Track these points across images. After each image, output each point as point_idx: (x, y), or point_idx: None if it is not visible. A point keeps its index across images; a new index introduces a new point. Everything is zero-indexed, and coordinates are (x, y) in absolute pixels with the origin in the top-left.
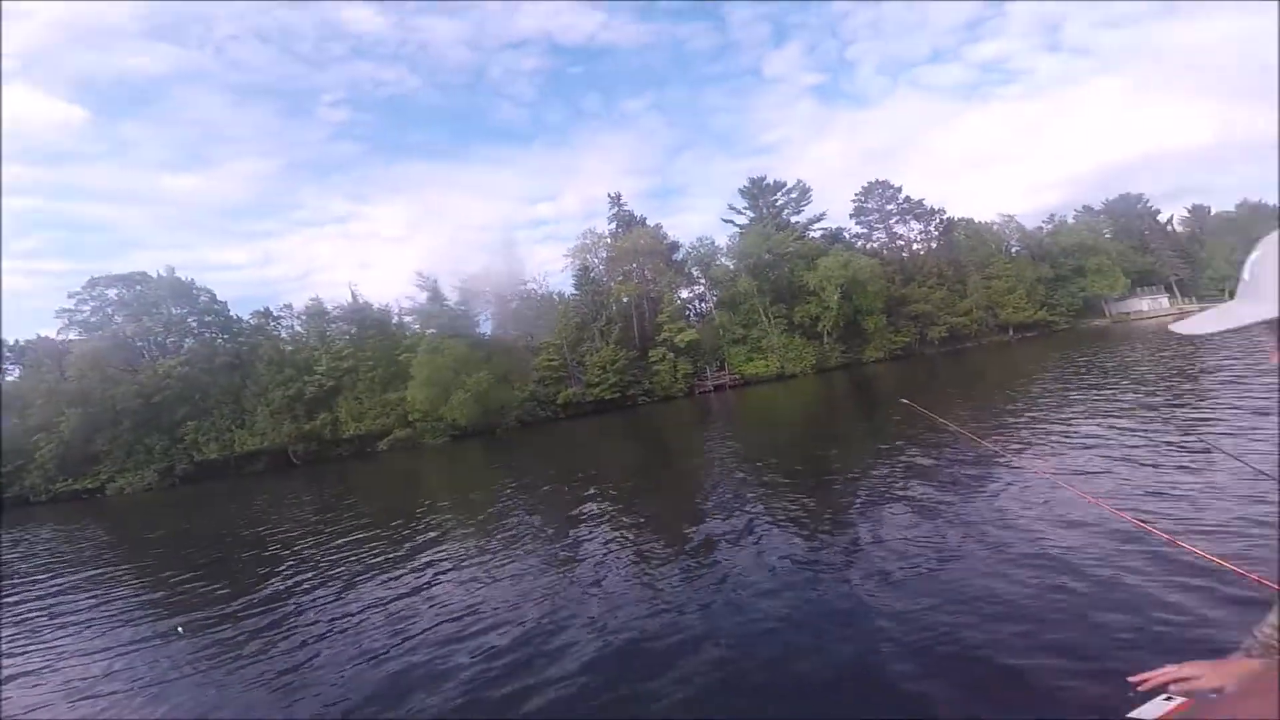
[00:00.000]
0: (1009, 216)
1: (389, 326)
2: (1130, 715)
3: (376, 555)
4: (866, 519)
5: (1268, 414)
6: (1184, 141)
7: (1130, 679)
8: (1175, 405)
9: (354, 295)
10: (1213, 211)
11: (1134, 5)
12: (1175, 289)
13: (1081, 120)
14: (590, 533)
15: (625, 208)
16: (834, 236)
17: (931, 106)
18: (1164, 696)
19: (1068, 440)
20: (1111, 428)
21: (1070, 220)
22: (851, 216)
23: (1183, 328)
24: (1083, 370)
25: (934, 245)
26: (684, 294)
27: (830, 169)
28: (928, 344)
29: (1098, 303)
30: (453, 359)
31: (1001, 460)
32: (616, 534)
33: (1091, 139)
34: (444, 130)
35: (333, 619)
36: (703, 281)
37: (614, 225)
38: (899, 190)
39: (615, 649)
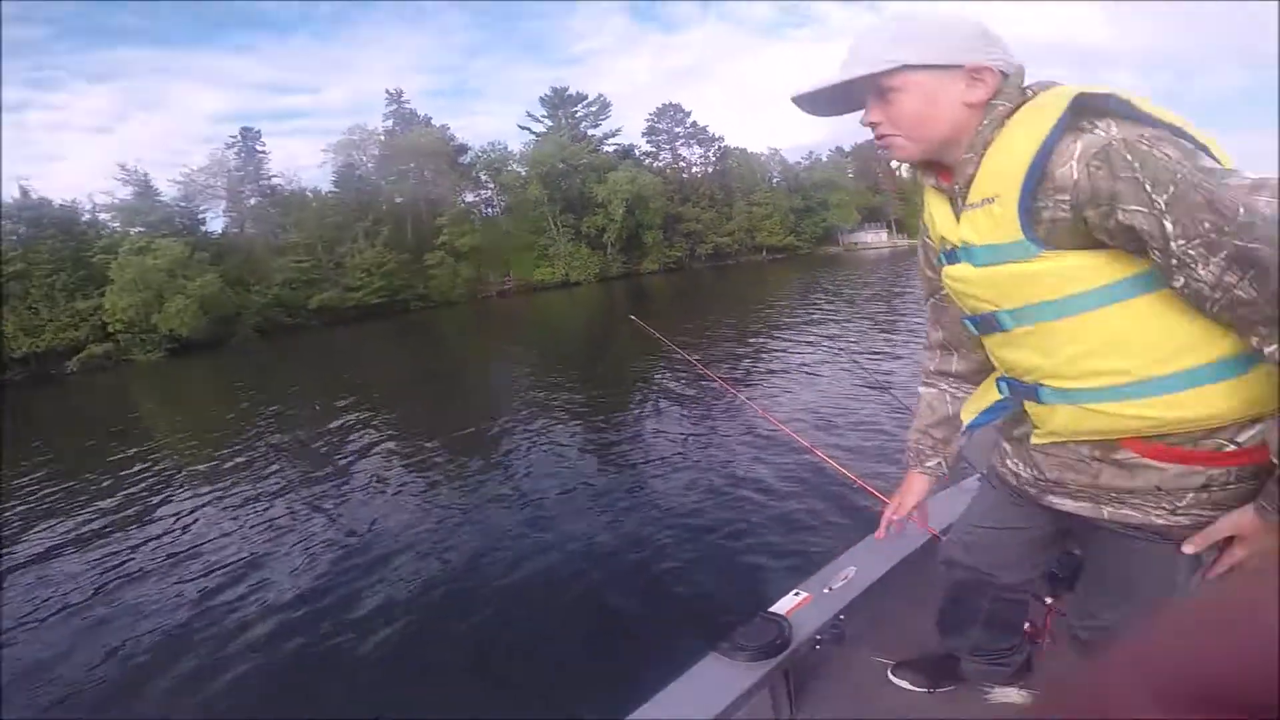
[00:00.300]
0: (775, 150)
1: (76, 225)
2: (771, 609)
3: (87, 508)
4: (569, 434)
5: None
6: None
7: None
8: (875, 330)
9: (24, 192)
10: None
11: None
12: (893, 226)
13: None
14: (345, 454)
15: (407, 105)
16: (625, 152)
17: (734, 40)
18: (793, 592)
19: (775, 362)
20: (814, 350)
21: (824, 159)
22: (644, 135)
23: (798, 94)
24: (813, 290)
25: (710, 170)
26: (469, 198)
27: (633, 86)
28: (696, 259)
29: (834, 233)
30: (169, 261)
31: (708, 381)
32: (370, 454)
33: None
34: (171, 14)
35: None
36: (491, 186)
37: (391, 123)
38: (689, 115)
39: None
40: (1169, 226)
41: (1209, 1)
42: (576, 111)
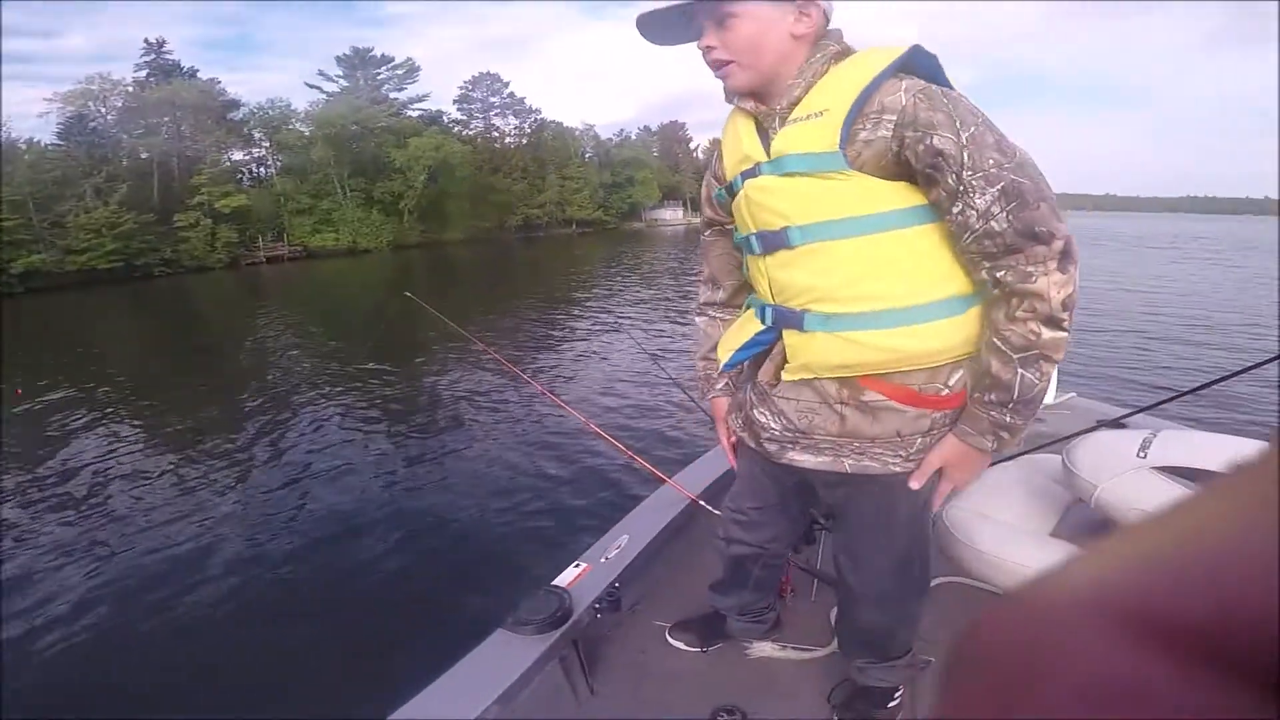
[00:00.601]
0: (589, 125)
1: None
2: (554, 582)
3: None
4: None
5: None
6: (717, 84)
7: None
8: (663, 306)
9: None
10: None
11: None
12: (688, 204)
13: (663, 54)
14: (57, 446)
15: (168, 56)
16: (433, 119)
17: (561, 15)
18: (574, 564)
19: (566, 340)
20: (605, 327)
21: (633, 137)
22: (455, 103)
23: (644, 13)
24: (614, 264)
25: (525, 142)
26: (238, 156)
27: (448, 53)
28: (505, 230)
29: (638, 209)
30: None
31: (493, 360)
32: (96, 443)
33: (666, 73)
34: None
35: None
36: (266, 145)
37: (145, 74)
38: (506, 85)
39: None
40: (965, 156)
41: (958, 23)
42: (379, 74)
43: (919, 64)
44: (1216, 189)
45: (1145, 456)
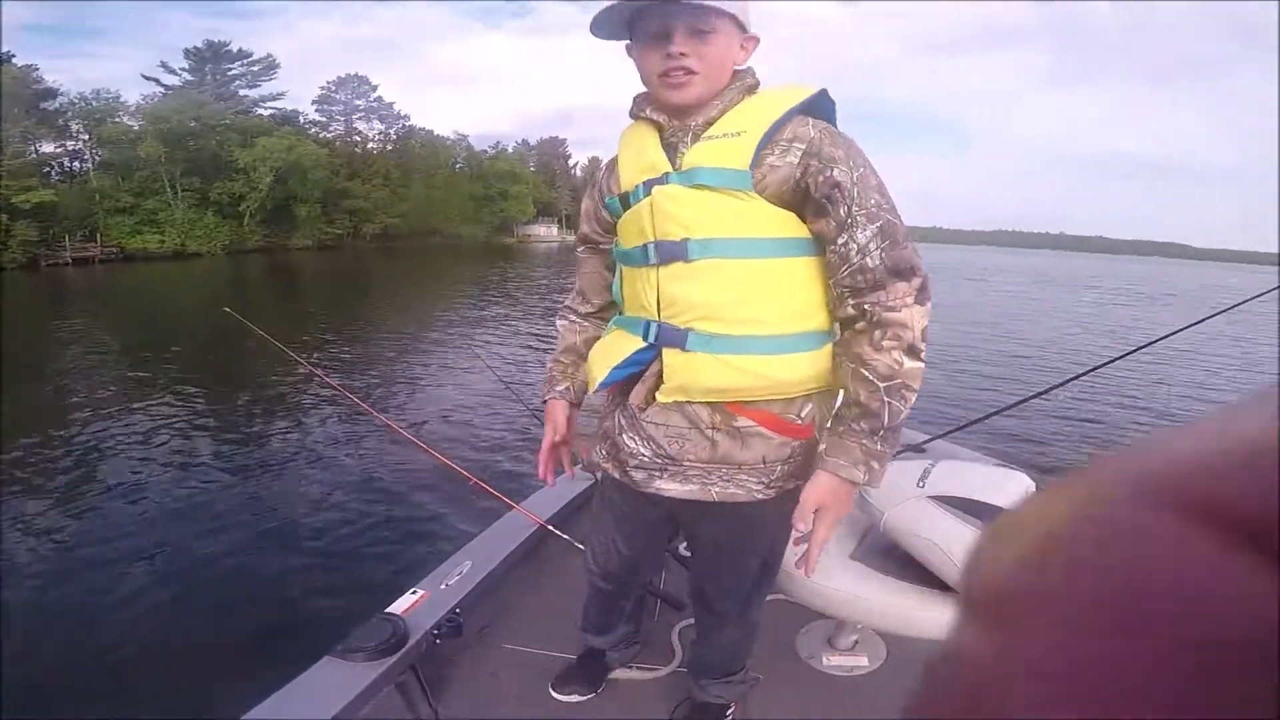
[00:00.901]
0: (463, 135)
1: None
2: (388, 609)
3: None
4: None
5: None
6: (602, 102)
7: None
8: (522, 329)
9: None
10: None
11: None
12: (563, 221)
13: (550, 68)
14: None
15: None
16: (286, 118)
17: (447, 20)
18: (410, 590)
19: (415, 360)
20: (457, 349)
21: (509, 150)
22: (314, 103)
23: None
24: (476, 282)
25: (389, 148)
26: (49, 148)
27: (318, 49)
28: (360, 238)
29: (510, 223)
30: None
31: (320, 383)
32: None
33: (551, 86)
34: None
35: None
36: (85, 138)
37: None
38: (374, 89)
39: None
40: (856, 192)
41: (829, 56)
42: (231, 69)
43: (822, 106)
44: (1023, 224)
45: (924, 486)
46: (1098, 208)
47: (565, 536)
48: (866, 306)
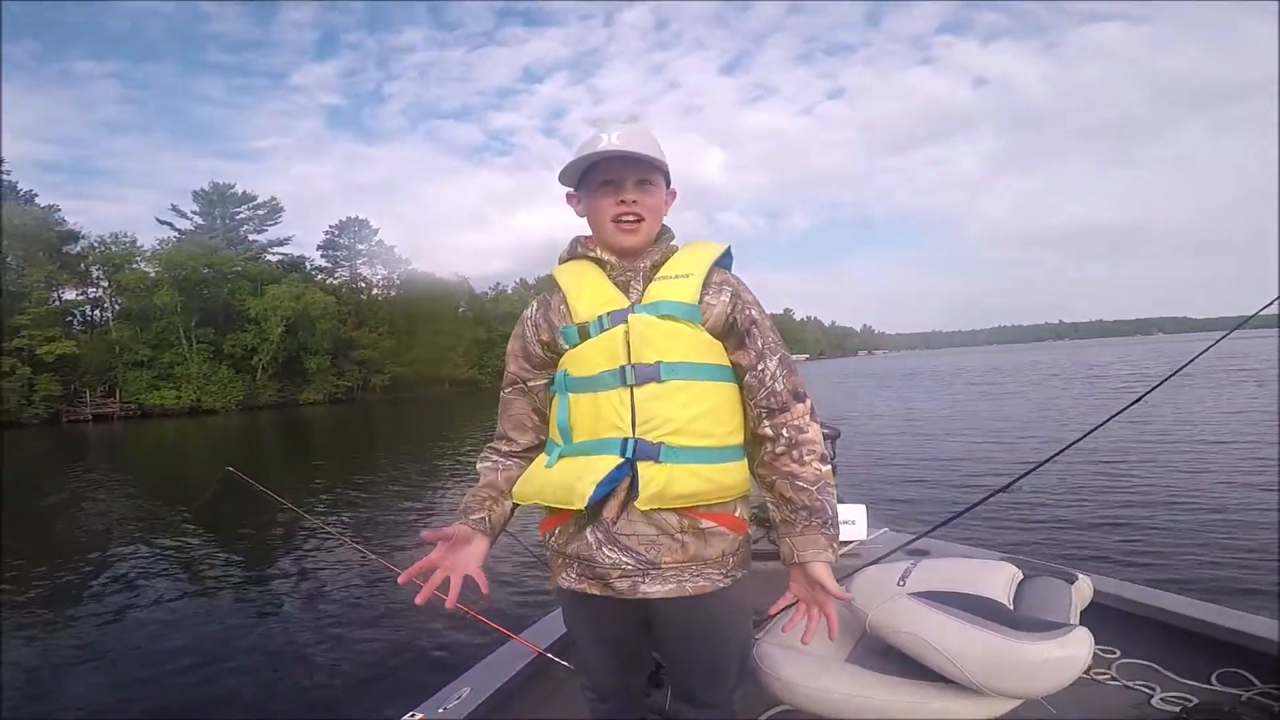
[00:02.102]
0: (464, 278)
1: None
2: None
3: None
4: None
5: None
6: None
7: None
8: None
9: None
10: None
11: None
12: None
13: (540, 201)
14: None
15: (6, 175)
16: (294, 265)
17: (436, 161)
18: (409, 713)
19: (416, 505)
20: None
21: (509, 291)
22: (319, 249)
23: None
24: (481, 429)
25: (393, 293)
26: (71, 295)
27: (315, 193)
28: (370, 390)
29: None
30: None
31: (323, 534)
32: None
33: (545, 220)
34: None
35: None
36: (105, 285)
37: None
38: (375, 232)
39: None
40: (763, 329)
41: (796, 165)
42: (240, 212)
43: (727, 260)
44: (1021, 318)
45: (904, 585)
46: (1090, 291)
47: (566, 664)
48: (781, 429)
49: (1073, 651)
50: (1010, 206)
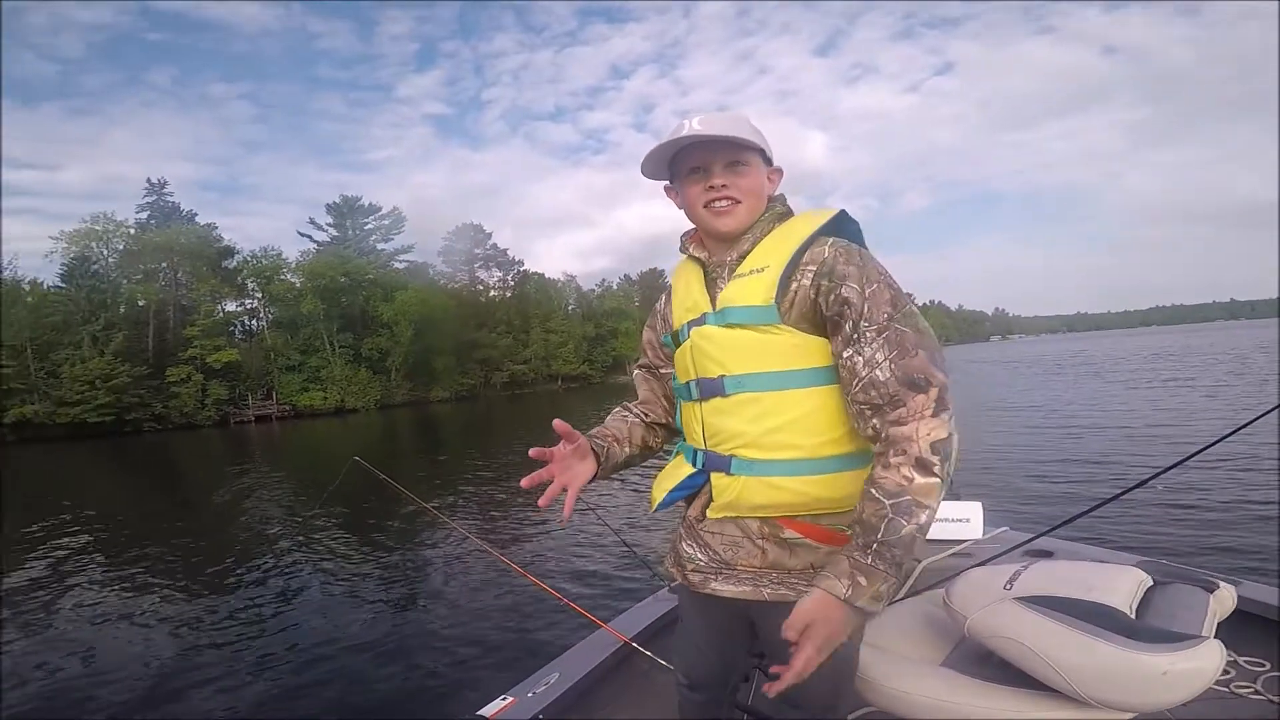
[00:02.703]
0: (571, 276)
1: None
2: (480, 711)
3: None
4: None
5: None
6: (684, 225)
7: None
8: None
9: None
10: None
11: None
12: None
13: (637, 197)
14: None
15: (169, 198)
16: (418, 271)
17: (537, 160)
18: (501, 696)
19: (525, 502)
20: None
21: (614, 287)
22: (439, 255)
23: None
24: (588, 423)
25: (508, 295)
26: (231, 307)
27: (428, 200)
28: (490, 387)
29: (624, 360)
30: None
31: (440, 521)
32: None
33: (641, 216)
34: None
35: None
36: (259, 297)
37: (146, 215)
38: (489, 236)
39: None
40: (865, 307)
41: (907, 144)
42: (367, 223)
43: (846, 228)
44: (1182, 297)
45: (1011, 588)
46: (1269, 268)
47: (650, 654)
48: (878, 425)
49: (1198, 665)
50: (1164, 180)
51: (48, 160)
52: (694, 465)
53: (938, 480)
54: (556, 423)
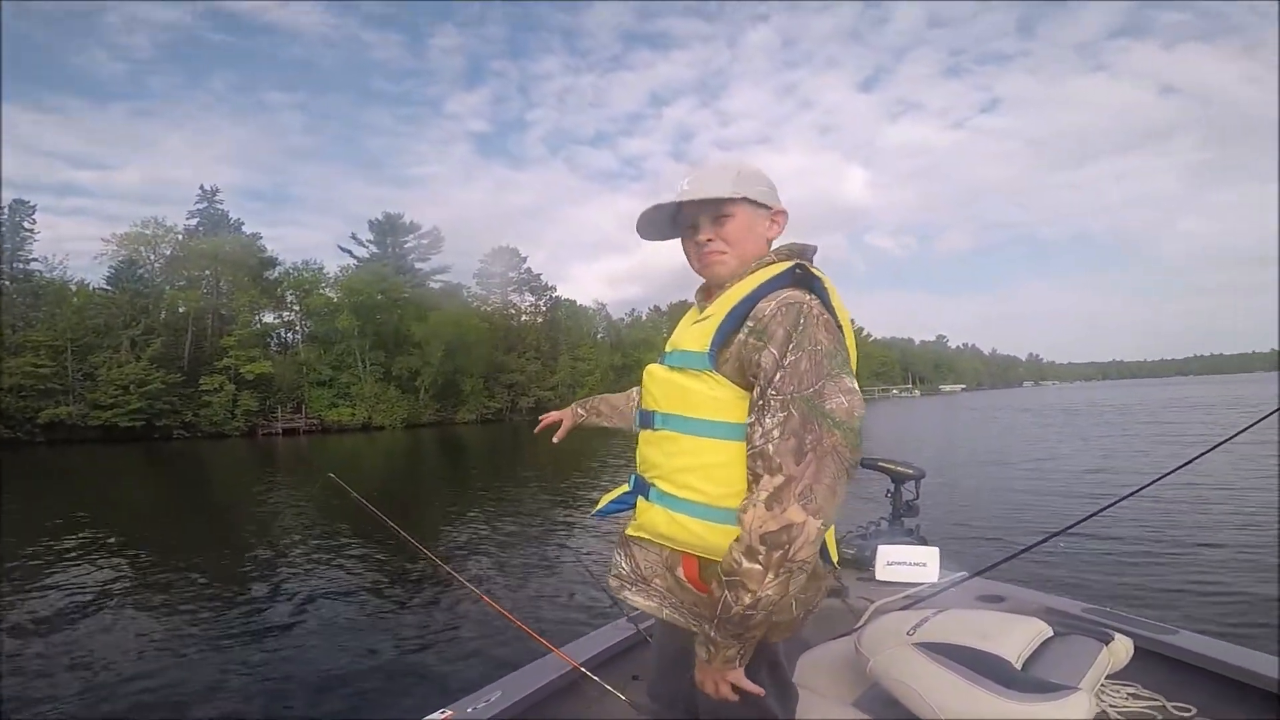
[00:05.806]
0: (602, 305)
1: None
2: None
3: None
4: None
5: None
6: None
7: None
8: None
9: None
10: None
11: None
12: None
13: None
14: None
15: (219, 206)
16: (452, 292)
17: (576, 184)
18: (439, 710)
19: (509, 528)
20: (563, 519)
21: (643, 317)
22: (475, 277)
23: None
24: (612, 455)
25: (540, 320)
26: (268, 318)
27: (467, 220)
28: (516, 411)
29: None
30: None
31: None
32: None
33: (673, 245)
34: None
35: None
36: (297, 309)
37: (195, 222)
38: (524, 260)
39: None
40: (776, 376)
41: (950, 182)
42: (407, 241)
43: (815, 284)
44: (1222, 346)
45: (913, 634)
46: None
47: (598, 680)
48: (761, 493)
49: (1064, 715)
50: (1218, 223)
51: (108, 160)
52: (630, 486)
53: (760, 568)
54: (543, 418)
